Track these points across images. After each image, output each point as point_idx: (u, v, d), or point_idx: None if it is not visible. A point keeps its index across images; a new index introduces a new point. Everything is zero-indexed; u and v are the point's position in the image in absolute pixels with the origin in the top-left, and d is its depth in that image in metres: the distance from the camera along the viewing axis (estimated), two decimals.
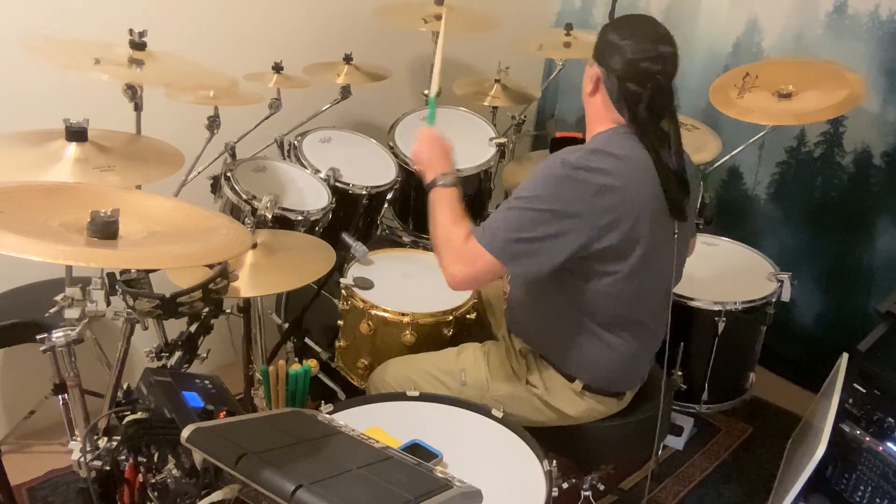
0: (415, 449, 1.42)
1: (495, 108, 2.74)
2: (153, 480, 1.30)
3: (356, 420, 1.41)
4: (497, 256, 1.47)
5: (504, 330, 1.81)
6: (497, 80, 2.72)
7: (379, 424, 1.48)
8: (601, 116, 1.58)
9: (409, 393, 1.63)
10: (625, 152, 1.51)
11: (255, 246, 1.73)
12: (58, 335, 1.33)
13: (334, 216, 2.13)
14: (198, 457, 1.13)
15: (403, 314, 1.91)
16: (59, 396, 1.98)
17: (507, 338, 1.78)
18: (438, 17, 2.58)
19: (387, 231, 2.57)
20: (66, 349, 1.35)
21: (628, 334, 1.65)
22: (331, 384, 2.22)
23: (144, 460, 1.32)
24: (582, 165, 1.47)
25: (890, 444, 1.82)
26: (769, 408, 2.73)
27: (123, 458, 1.33)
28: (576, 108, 3.37)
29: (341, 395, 2.18)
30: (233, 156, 2.15)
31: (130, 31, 1.68)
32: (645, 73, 1.49)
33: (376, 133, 2.54)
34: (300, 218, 2.01)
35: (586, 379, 1.69)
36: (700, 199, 2.51)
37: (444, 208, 1.61)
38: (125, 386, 1.42)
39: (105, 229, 1.18)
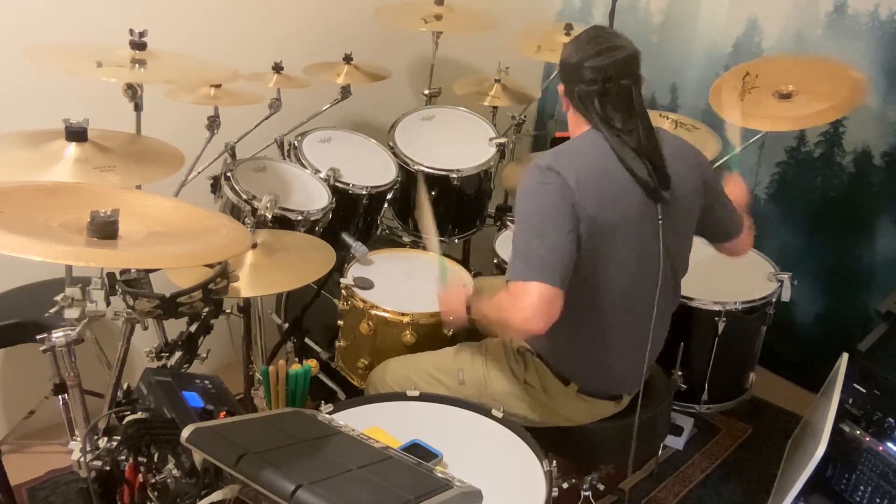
0: (415, 449, 1.42)
1: (495, 108, 2.74)
2: (153, 480, 1.30)
3: (356, 420, 1.41)
4: (536, 279, 1.46)
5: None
6: (497, 80, 2.71)
7: (379, 424, 1.48)
8: (576, 127, 1.65)
9: (409, 393, 1.63)
10: (588, 148, 1.57)
11: (255, 246, 1.73)
12: (58, 335, 1.33)
13: (334, 216, 2.13)
14: (198, 457, 1.13)
15: (403, 314, 1.91)
16: (59, 396, 1.98)
17: (505, 338, 1.78)
18: (438, 18, 2.59)
19: (387, 231, 2.57)
20: (66, 349, 1.35)
21: (621, 336, 1.65)
22: (331, 384, 2.22)
23: (144, 460, 1.32)
24: (551, 167, 1.53)
25: (890, 444, 1.82)
26: (769, 408, 2.73)
27: (123, 458, 1.33)
28: None
29: (341, 395, 2.18)
30: (233, 156, 2.15)
31: (131, 31, 1.68)
32: (593, 71, 1.55)
33: (376, 133, 2.54)
34: (300, 218, 2.01)
35: (581, 382, 1.69)
36: None
37: (489, 309, 1.64)
38: (125, 386, 1.42)
39: (105, 229, 1.18)
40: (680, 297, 1.81)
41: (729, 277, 2.32)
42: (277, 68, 2.26)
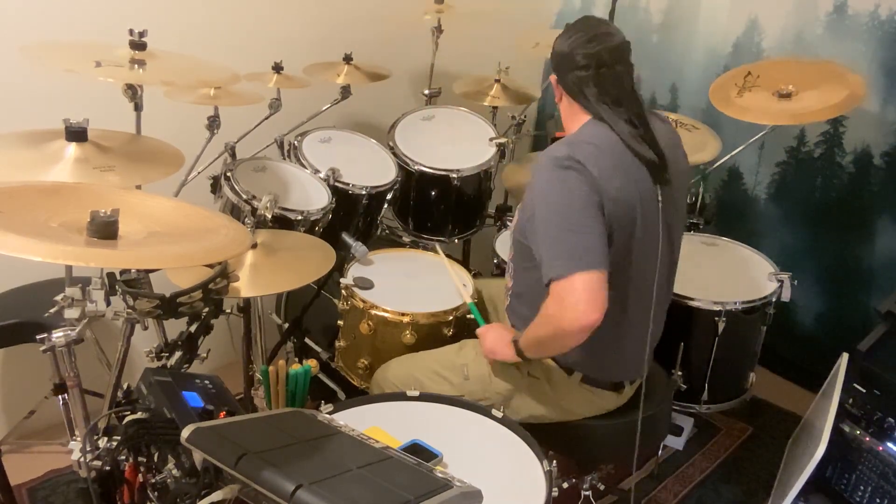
0: (415, 449, 1.42)
1: (495, 108, 2.74)
2: (153, 480, 1.30)
3: (356, 420, 1.41)
4: (578, 270, 1.44)
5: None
6: (497, 80, 2.71)
7: (379, 424, 1.48)
8: (572, 117, 1.66)
9: (409, 393, 1.63)
10: (598, 138, 1.57)
11: (255, 246, 1.73)
12: (58, 335, 1.33)
13: (334, 216, 2.13)
14: (198, 457, 1.13)
15: (403, 314, 1.91)
16: (59, 396, 1.98)
17: None
18: (438, 17, 2.59)
19: (387, 231, 2.57)
20: (66, 349, 1.35)
21: (621, 322, 1.65)
22: (331, 384, 2.22)
23: (144, 460, 1.32)
24: (569, 156, 1.52)
25: (890, 444, 1.82)
26: (769, 408, 2.73)
27: (123, 458, 1.33)
28: None
29: (341, 395, 2.18)
30: (233, 156, 2.15)
31: (130, 31, 1.68)
32: (586, 58, 1.57)
33: (376, 133, 2.54)
34: (300, 218, 2.01)
35: (584, 370, 1.70)
36: (700, 198, 2.53)
37: (532, 330, 1.59)
38: (125, 386, 1.42)
39: (105, 229, 1.18)
40: (673, 289, 1.82)
41: (729, 277, 2.32)
42: (277, 68, 2.26)
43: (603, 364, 1.71)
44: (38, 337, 1.35)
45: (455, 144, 2.54)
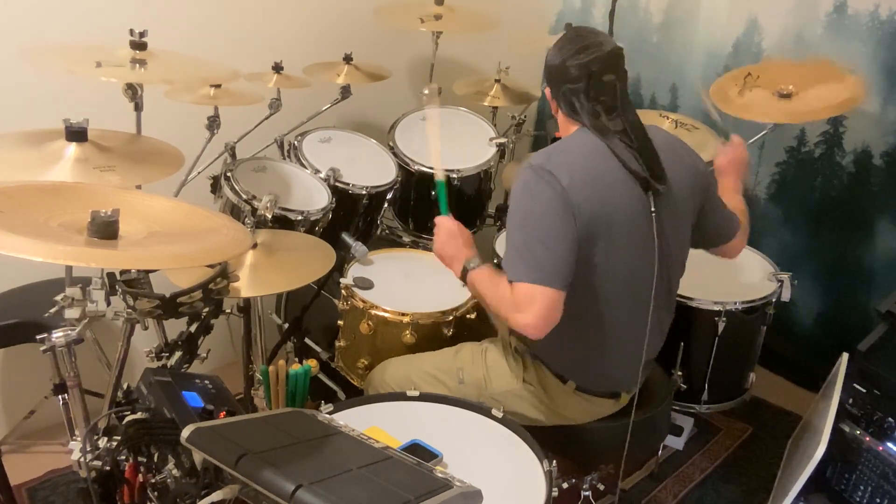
0: (415, 449, 1.42)
1: (495, 108, 2.74)
2: (153, 480, 1.30)
3: (356, 420, 1.42)
4: (540, 283, 1.48)
5: (504, 330, 1.81)
6: (497, 80, 2.72)
7: (379, 424, 1.48)
8: (566, 128, 1.65)
9: (408, 393, 1.63)
10: (579, 146, 1.57)
11: (255, 246, 1.73)
12: (58, 335, 1.33)
13: (334, 216, 2.13)
14: (198, 457, 1.13)
15: (403, 314, 1.91)
16: (59, 396, 1.98)
17: (505, 337, 1.79)
18: (438, 17, 2.59)
19: (387, 231, 2.57)
20: (66, 349, 1.35)
21: (616, 333, 1.65)
22: (331, 384, 2.22)
23: (144, 460, 1.32)
24: (545, 167, 1.52)
25: (890, 444, 1.82)
26: (769, 408, 2.73)
27: (123, 458, 1.33)
28: None
29: (341, 395, 2.18)
30: (233, 156, 2.15)
31: (131, 31, 1.69)
32: (577, 69, 1.55)
33: (376, 133, 2.54)
34: (300, 218, 2.01)
35: (578, 380, 1.70)
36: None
37: (485, 286, 1.62)
38: (125, 386, 1.42)
39: (105, 229, 1.18)
40: (675, 302, 1.80)
41: (729, 277, 2.32)
42: (277, 68, 2.26)
43: (597, 376, 1.71)
44: (38, 337, 1.36)
45: (455, 144, 2.54)
